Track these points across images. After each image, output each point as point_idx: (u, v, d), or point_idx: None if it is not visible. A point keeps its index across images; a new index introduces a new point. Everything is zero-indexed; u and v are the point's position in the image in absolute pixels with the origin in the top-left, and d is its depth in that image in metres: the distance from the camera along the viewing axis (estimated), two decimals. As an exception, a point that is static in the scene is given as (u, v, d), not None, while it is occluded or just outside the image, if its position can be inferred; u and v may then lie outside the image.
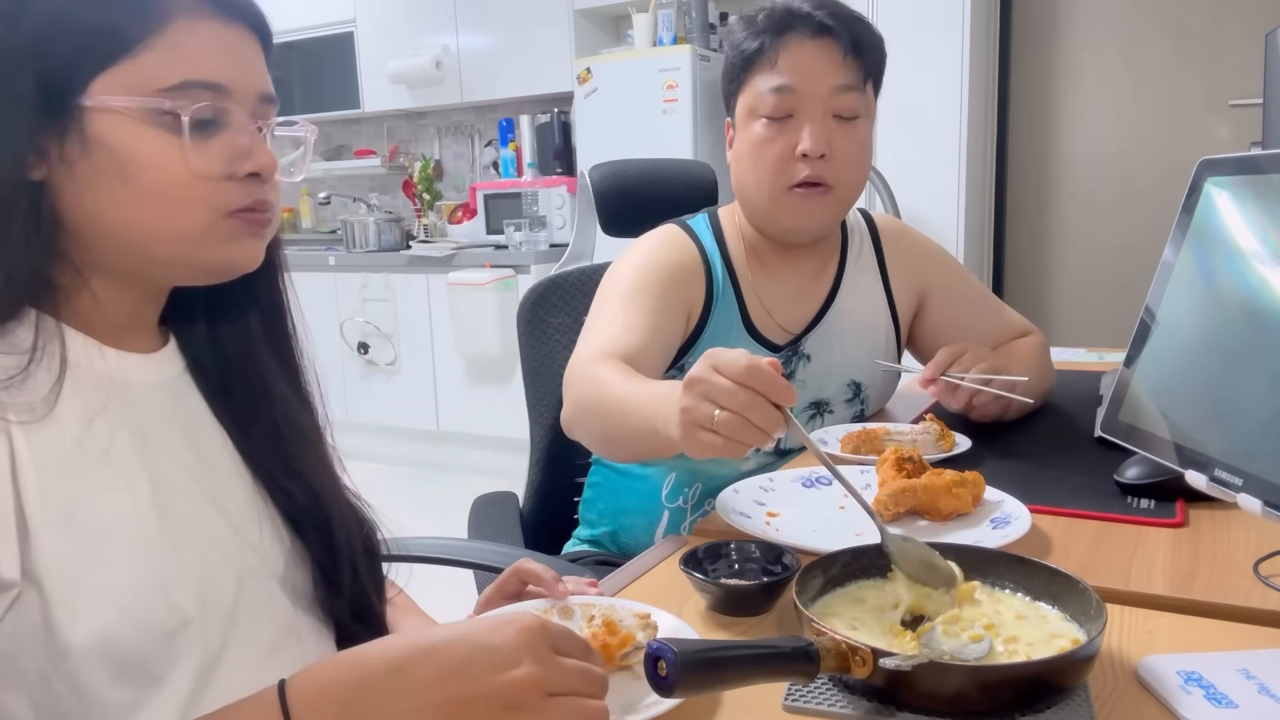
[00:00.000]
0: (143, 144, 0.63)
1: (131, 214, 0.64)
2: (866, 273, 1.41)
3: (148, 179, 0.64)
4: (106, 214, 0.64)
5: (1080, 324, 3.64)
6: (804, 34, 1.22)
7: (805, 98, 1.22)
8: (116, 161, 0.63)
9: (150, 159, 0.63)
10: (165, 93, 0.63)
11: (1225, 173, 0.87)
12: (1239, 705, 0.60)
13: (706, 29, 3.86)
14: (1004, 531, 0.89)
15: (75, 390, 0.63)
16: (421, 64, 4.40)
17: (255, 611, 0.71)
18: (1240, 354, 0.78)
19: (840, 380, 1.37)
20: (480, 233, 4.29)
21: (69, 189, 0.63)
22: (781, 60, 1.22)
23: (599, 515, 1.42)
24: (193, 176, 0.65)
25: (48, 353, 0.61)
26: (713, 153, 3.68)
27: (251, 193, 0.68)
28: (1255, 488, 0.71)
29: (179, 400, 0.73)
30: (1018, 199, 3.72)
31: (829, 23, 1.22)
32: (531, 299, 1.55)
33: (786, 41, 1.23)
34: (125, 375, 0.68)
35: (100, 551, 0.61)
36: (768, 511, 0.99)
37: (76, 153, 0.62)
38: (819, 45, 1.23)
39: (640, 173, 1.67)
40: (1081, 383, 1.53)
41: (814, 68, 1.22)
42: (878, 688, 0.60)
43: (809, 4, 1.24)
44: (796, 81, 1.22)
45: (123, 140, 0.63)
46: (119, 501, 0.63)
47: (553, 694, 0.52)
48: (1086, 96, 3.55)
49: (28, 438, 0.59)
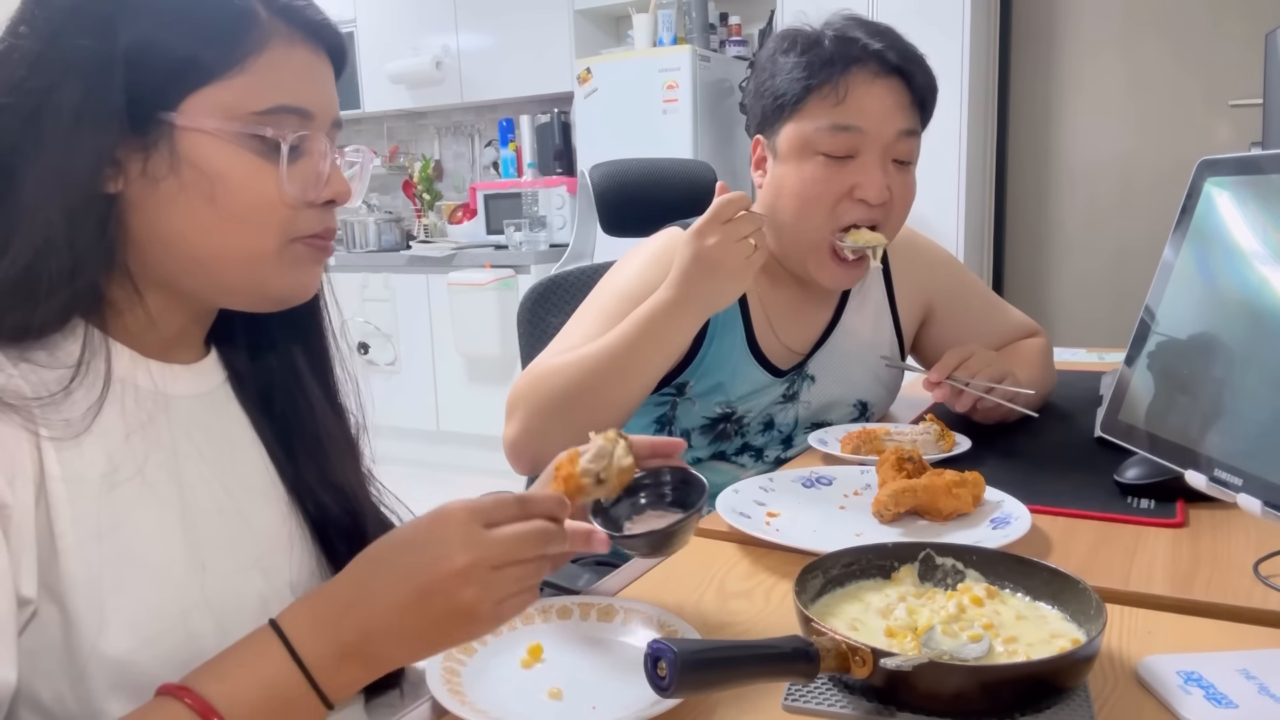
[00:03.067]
0: (234, 166, 0.63)
1: (211, 234, 0.64)
2: (873, 290, 1.39)
3: (236, 201, 0.64)
4: (184, 232, 0.64)
5: (1080, 324, 3.64)
6: (873, 71, 1.16)
7: (870, 140, 1.17)
8: (206, 181, 0.63)
9: (241, 181, 0.63)
10: (258, 116, 0.63)
11: (1225, 173, 0.87)
12: (1239, 705, 0.60)
13: (706, 29, 3.86)
14: (1004, 531, 0.89)
15: (116, 407, 0.63)
16: (421, 64, 4.40)
17: None
18: (1240, 354, 0.78)
19: (846, 401, 1.36)
20: (480, 233, 4.29)
21: (147, 205, 0.63)
22: (850, 97, 1.15)
23: None
24: (279, 201, 0.65)
25: (92, 369, 0.61)
26: (713, 153, 3.68)
27: (324, 219, 0.69)
28: (1255, 488, 0.71)
29: (218, 412, 0.73)
30: (1018, 199, 3.72)
31: (901, 64, 1.17)
32: (531, 299, 1.55)
33: (855, 77, 1.16)
34: (167, 389, 0.68)
35: (125, 575, 0.61)
36: (768, 511, 0.99)
37: (163, 169, 0.62)
38: (888, 86, 1.17)
39: (640, 173, 1.67)
40: (1081, 383, 1.53)
41: (882, 110, 1.16)
42: (877, 688, 0.60)
43: (876, 39, 1.17)
44: (864, 123, 1.16)
45: (214, 161, 0.63)
46: (148, 523, 0.64)
47: (495, 566, 0.56)
48: (1086, 97, 3.55)
49: (59, 454, 0.59)
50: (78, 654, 0.59)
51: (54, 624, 0.58)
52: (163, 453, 0.66)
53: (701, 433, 1.30)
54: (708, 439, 1.30)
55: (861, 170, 1.17)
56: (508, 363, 3.94)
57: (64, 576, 0.58)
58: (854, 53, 1.16)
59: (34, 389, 0.58)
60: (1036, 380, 1.28)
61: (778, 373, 1.30)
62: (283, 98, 0.64)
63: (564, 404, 1.07)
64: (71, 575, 0.58)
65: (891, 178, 1.19)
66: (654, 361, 1.08)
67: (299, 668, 0.55)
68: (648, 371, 1.09)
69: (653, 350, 1.07)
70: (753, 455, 1.33)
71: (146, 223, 0.63)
